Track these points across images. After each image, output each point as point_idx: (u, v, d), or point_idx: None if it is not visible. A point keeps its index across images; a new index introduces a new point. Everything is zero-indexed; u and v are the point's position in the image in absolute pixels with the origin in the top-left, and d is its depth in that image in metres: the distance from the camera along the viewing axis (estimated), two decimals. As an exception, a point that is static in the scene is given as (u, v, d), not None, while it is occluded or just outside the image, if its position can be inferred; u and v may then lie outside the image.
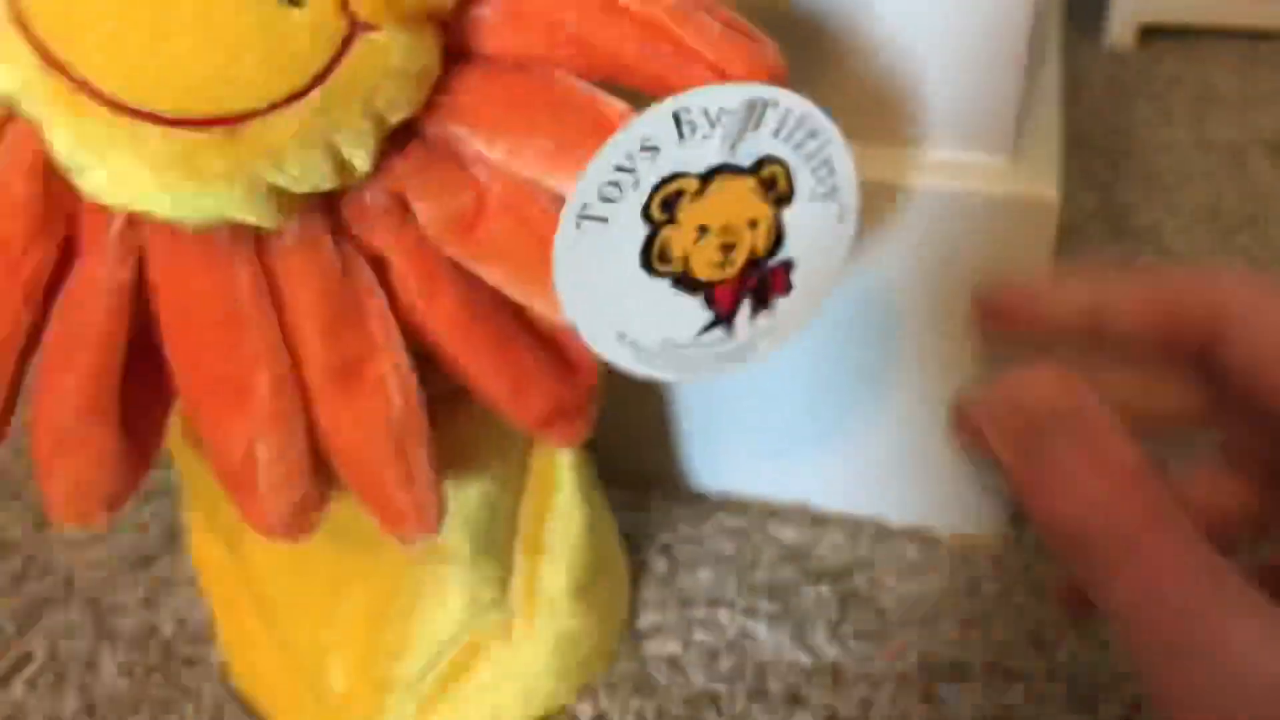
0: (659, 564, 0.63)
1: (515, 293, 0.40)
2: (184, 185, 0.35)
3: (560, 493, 0.55)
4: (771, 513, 0.66)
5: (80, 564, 0.65)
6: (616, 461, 0.60)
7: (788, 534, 0.65)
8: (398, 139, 0.39)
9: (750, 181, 0.37)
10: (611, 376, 0.41)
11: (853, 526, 0.65)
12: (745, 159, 0.36)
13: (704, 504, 0.67)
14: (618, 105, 0.38)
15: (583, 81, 0.39)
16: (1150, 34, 1.20)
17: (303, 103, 0.35)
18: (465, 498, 0.50)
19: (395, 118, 0.38)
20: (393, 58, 0.36)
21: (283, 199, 0.37)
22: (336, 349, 0.40)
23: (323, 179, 0.37)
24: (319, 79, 0.35)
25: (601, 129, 0.37)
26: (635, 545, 0.64)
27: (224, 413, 0.40)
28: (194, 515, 0.55)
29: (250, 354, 0.39)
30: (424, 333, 0.41)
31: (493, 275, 0.40)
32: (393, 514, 0.42)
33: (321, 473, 0.41)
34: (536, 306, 0.41)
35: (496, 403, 0.43)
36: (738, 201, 0.37)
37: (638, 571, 0.63)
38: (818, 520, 0.65)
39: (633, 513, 0.65)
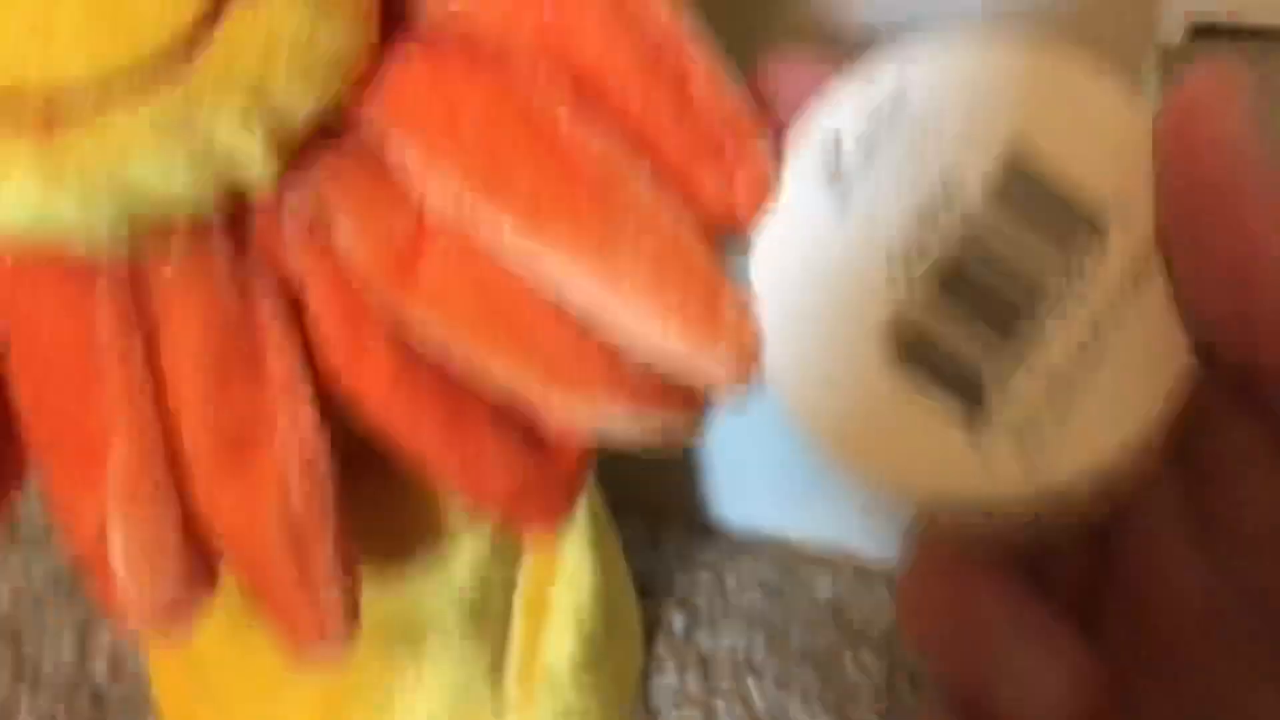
0: (676, 619, 0.49)
1: (462, 350, 0.26)
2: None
3: (565, 554, 0.41)
4: (806, 559, 0.51)
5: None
6: (628, 490, 0.47)
7: (825, 586, 0.50)
8: (319, 140, 0.26)
9: None
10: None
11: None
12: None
13: (727, 543, 0.53)
14: (599, 146, 0.25)
15: (561, 101, 0.25)
16: (1202, 34, 1.03)
17: (154, 92, 0.23)
18: (453, 566, 0.37)
19: (301, 113, 0.25)
20: (289, 32, 0.23)
21: (151, 216, 0.25)
22: (224, 409, 0.27)
23: (199, 191, 0.25)
24: (181, 54, 0.23)
25: (555, 163, 0.24)
26: (649, 591, 0.50)
27: (73, 482, 0.28)
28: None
29: (107, 412, 0.27)
30: (346, 391, 0.27)
31: (434, 330, 0.26)
32: (283, 619, 0.29)
33: (202, 560, 0.28)
34: (498, 375, 0.27)
35: (444, 482, 0.29)
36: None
37: (651, 624, 0.49)
38: (861, 571, 0.51)
39: (647, 551, 0.52)
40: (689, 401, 0.27)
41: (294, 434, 0.27)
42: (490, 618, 0.40)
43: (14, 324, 0.27)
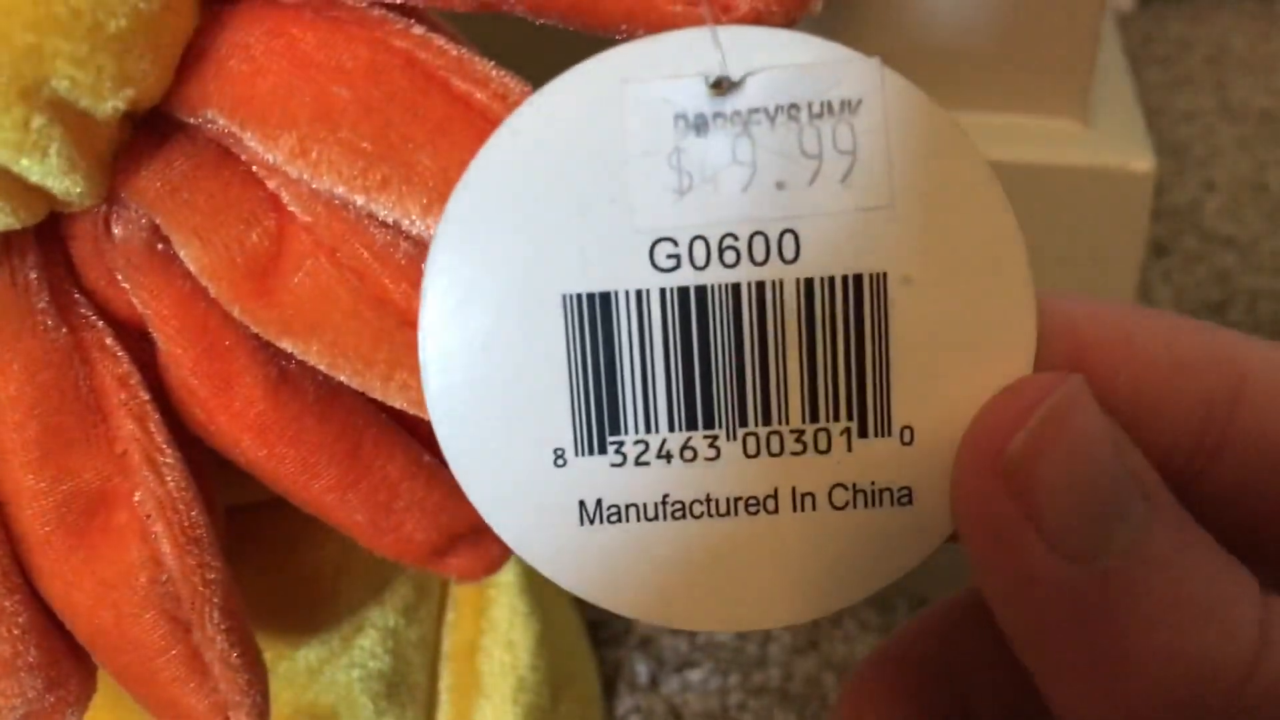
0: (639, 667, 0.45)
1: (350, 379, 0.22)
2: None
3: (496, 606, 0.37)
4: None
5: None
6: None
7: (800, 614, 0.46)
8: (152, 137, 0.21)
9: None
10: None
11: (883, 603, 0.46)
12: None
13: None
14: (490, 78, 0.20)
15: (438, 37, 0.20)
16: (1152, -2, 1.01)
17: None
18: (357, 646, 0.32)
19: (105, 105, 0.20)
20: (44, 9, 0.18)
21: None
22: (60, 478, 0.22)
23: None
24: None
25: (459, 119, 0.20)
26: (608, 640, 0.46)
27: None
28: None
29: None
30: (217, 438, 0.23)
31: (308, 353, 0.22)
32: (173, 714, 0.24)
33: (70, 653, 0.24)
34: (396, 401, 0.22)
35: (351, 532, 0.25)
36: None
37: (612, 676, 0.45)
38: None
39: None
40: None
41: (156, 494, 0.22)
42: (410, 687, 0.35)
43: None
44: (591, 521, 0.18)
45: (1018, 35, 0.37)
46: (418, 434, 0.25)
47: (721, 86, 0.17)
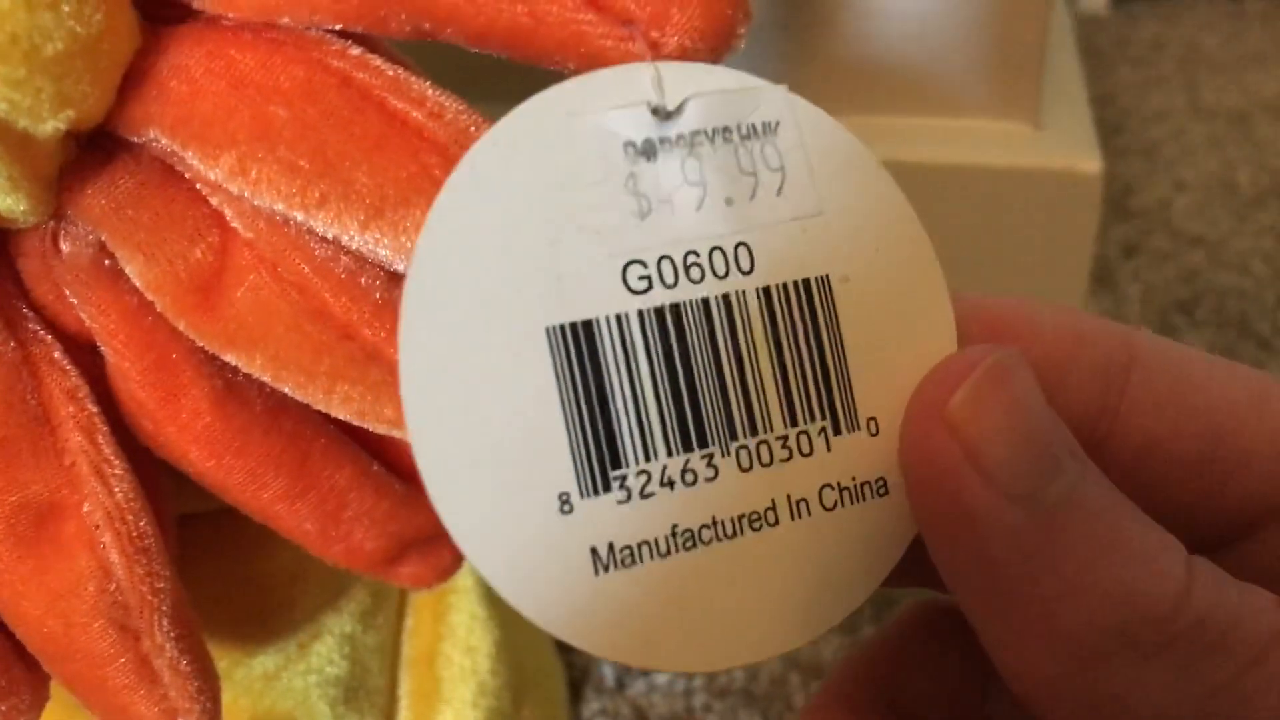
0: (605, 669, 0.46)
1: (294, 391, 0.23)
2: None
3: (455, 611, 0.37)
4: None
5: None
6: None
7: (765, 617, 0.47)
8: (96, 156, 0.22)
9: None
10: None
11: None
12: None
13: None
14: (426, 97, 0.21)
15: (375, 58, 0.21)
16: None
17: None
18: (314, 652, 0.33)
19: (44, 126, 0.20)
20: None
21: None
22: (8, 490, 0.23)
23: None
24: None
25: (395, 137, 0.20)
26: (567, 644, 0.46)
27: None
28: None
29: None
30: (165, 449, 0.24)
31: (252, 365, 0.22)
32: None
33: (20, 665, 0.24)
34: (339, 412, 0.23)
35: (301, 541, 0.25)
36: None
37: (579, 680, 0.45)
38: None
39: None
40: None
41: (104, 505, 0.23)
42: (368, 692, 0.36)
43: None
44: (606, 569, 0.17)
45: (968, 40, 0.38)
46: (366, 444, 0.26)
47: (659, 114, 0.18)
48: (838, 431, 0.19)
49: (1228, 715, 0.16)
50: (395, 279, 0.21)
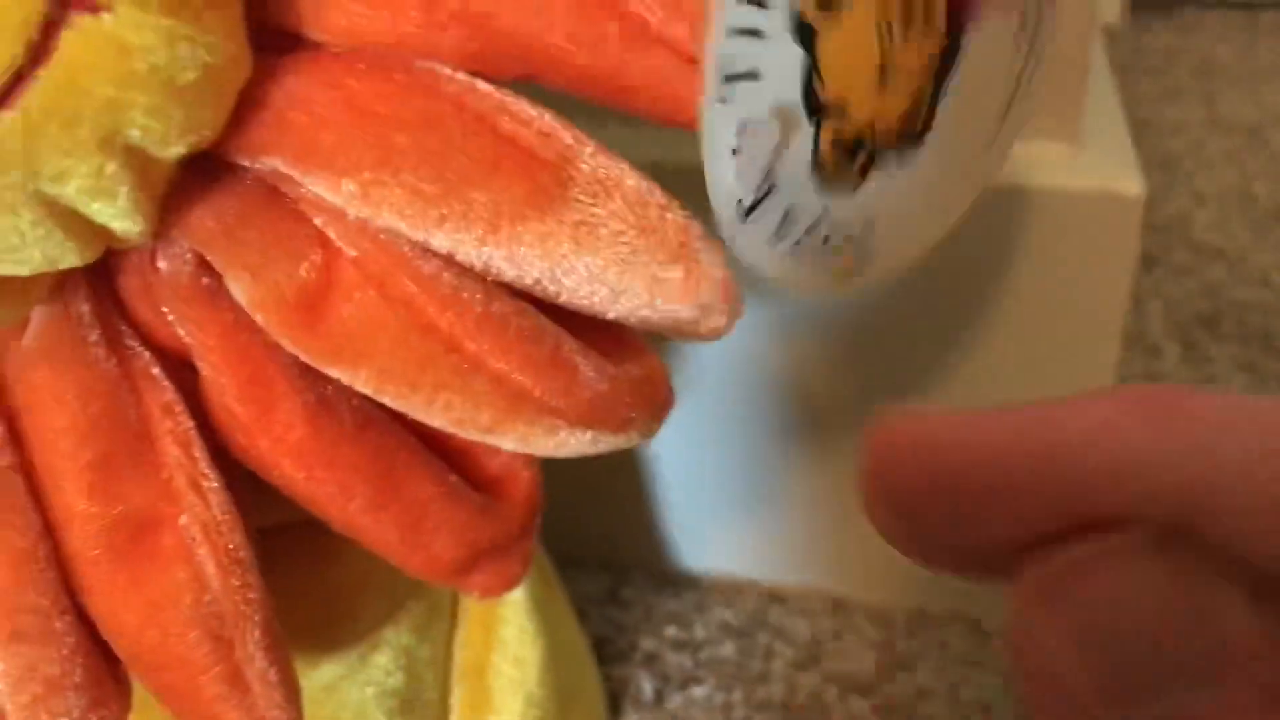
0: (645, 684, 0.47)
1: (395, 402, 0.24)
2: None
3: (506, 624, 0.38)
4: (779, 601, 0.49)
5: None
6: (584, 544, 0.44)
7: (802, 628, 0.48)
8: (200, 177, 0.23)
9: None
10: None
11: (881, 616, 0.48)
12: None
13: (693, 592, 0.50)
14: (533, 117, 0.22)
15: (480, 82, 0.22)
16: (1140, 6, 1.04)
17: None
18: (373, 663, 0.34)
19: (169, 150, 0.22)
20: (140, 55, 0.20)
21: None
22: (110, 502, 0.24)
23: (46, 251, 0.21)
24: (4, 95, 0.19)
25: (507, 157, 0.22)
26: (613, 657, 0.47)
27: None
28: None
29: None
30: (257, 460, 0.25)
31: (355, 379, 0.23)
32: None
33: (110, 674, 0.25)
34: (436, 421, 0.24)
35: (381, 550, 0.26)
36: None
37: (618, 692, 0.46)
38: (839, 608, 0.49)
39: (607, 608, 0.49)
40: (645, 408, 0.25)
41: (200, 518, 0.24)
42: (423, 704, 0.37)
43: None
44: None
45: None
46: (446, 455, 0.27)
47: None
48: None
49: None
50: (493, 294, 0.23)
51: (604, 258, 0.22)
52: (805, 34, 0.19)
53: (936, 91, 0.22)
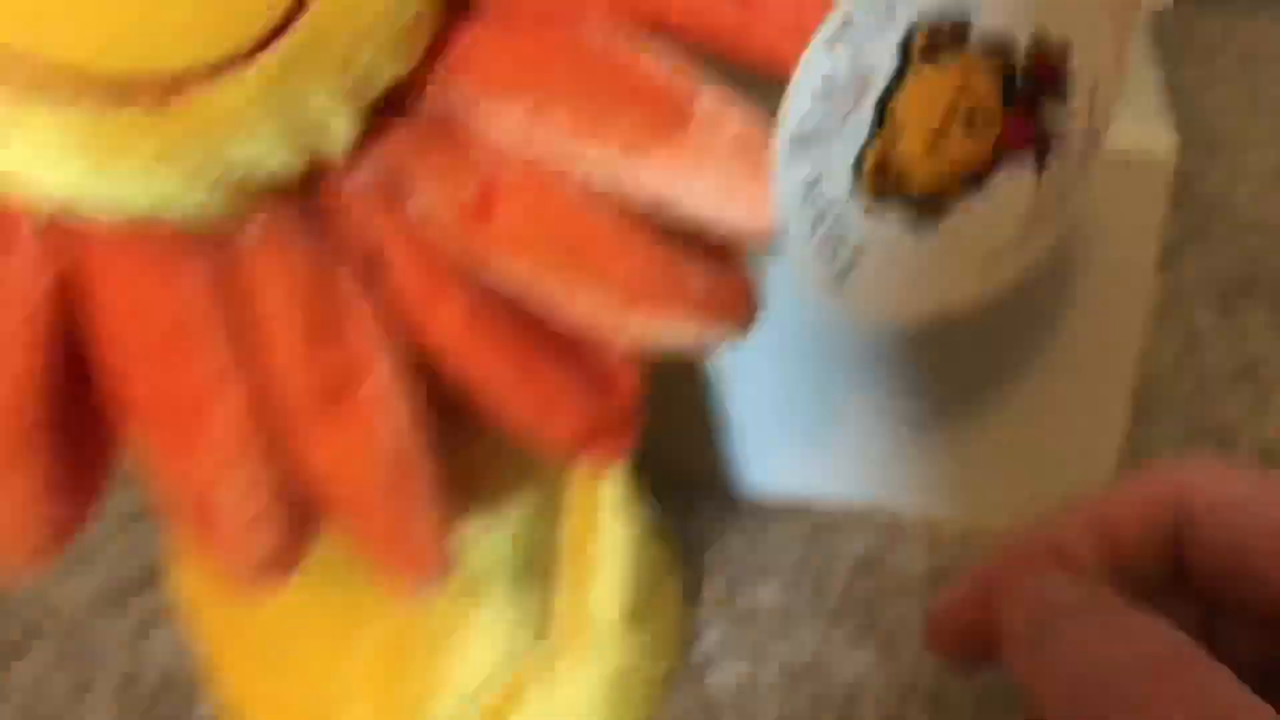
0: (716, 582, 0.53)
1: (545, 290, 0.30)
2: (105, 172, 0.26)
3: (604, 508, 0.45)
4: (839, 519, 0.55)
5: (50, 601, 0.55)
6: (657, 466, 0.50)
7: (859, 542, 0.54)
8: (388, 108, 0.30)
9: None
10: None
11: (931, 533, 0.54)
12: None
13: (759, 511, 0.56)
14: (664, 60, 0.29)
15: (624, 37, 0.29)
16: (1187, -1, 1.08)
17: (254, 68, 0.26)
18: (496, 530, 0.40)
19: (381, 82, 0.28)
20: (372, 7, 0.27)
21: (240, 187, 0.28)
22: (318, 366, 0.30)
23: (287, 162, 0.28)
24: (273, 36, 0.26)
25: (644, 95, 0.28)
26: (685, 563, 0.53)
27: (176, 444, 0.30)
28: (179, 544, 0.45)
29: (206, 375, 0.30)
30: (426, 344, 0.31)
31: (515, 271, 0.30)
32: (390, 560, 0.32)
33: (302, 510, 0.32)
34: (579, 305, 0.30)
35: (519, 425, 0.33)
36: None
37: (690, 592, 0.53)
38: (893, 526, 0.55)
39: (680, 525, 0.55)
40: (740, 307, 0.32)
41: (386, 382, 0.30)
42: (536, 575, 0.44)
43: (106, 294, 0.30)
44: None
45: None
46: (572, 352, 0.33)
47: None
48: None
49: None
50: (627, 204, 0.29)
51: (714, 182, 0.28)
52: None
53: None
